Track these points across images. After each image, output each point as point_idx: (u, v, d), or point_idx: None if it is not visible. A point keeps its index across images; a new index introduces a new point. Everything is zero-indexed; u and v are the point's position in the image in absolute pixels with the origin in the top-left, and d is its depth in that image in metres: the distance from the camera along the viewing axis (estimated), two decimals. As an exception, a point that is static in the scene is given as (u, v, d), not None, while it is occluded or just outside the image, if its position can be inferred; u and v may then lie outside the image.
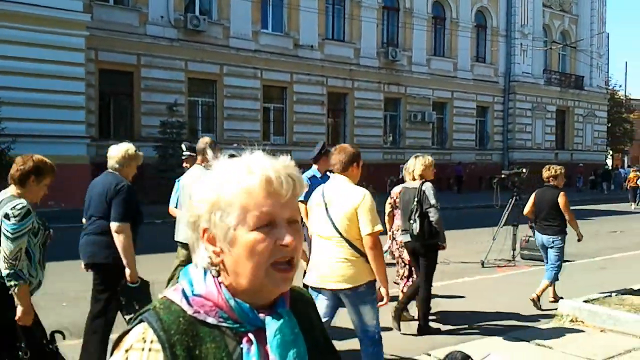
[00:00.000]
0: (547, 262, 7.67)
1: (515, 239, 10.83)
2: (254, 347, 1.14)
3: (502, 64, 34.42)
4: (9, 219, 3.61)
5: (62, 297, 7.61)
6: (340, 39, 27.76)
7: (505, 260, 10.60)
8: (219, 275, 1.17)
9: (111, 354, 1.16)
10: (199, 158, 6.16)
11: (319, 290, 4.27)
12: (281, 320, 1.17)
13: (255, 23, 24.52)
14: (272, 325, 1.16)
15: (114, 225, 4.44)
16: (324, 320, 4.09)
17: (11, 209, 3.64)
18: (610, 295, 7.25)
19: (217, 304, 1.15)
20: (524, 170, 11.56)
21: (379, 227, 4.17)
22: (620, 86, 49.74)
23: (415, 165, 6.45)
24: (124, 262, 4.46)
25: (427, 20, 30.42)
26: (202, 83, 23.62)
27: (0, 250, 3.64)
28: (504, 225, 10.80)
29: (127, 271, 4.48)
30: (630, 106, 50.61)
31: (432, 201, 6.16)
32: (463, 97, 32.43)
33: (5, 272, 3.58)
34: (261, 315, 1.17)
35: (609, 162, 47.57)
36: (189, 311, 1.14)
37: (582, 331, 6.30)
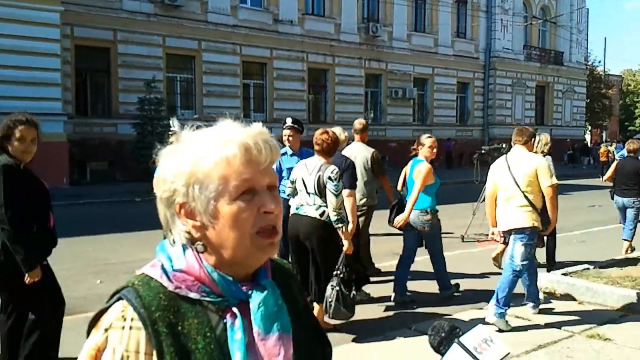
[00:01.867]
0: (624, 222, 8.91)
1: (495, 214, 10.93)
2: (238, 321, 1.12)
3: (482, 39, 34.37)
4: (332, 181, 5.03)
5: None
6: (320, 14, 27.47)
7: (485, 235, 10.64)
8: (205, 250, 1.14)
9: (88, 334, 1.11)
10: (357, 137, 7.03)
11: (509, 232, 5.70)
12: (265, 292, 1.15)
13: (234, -3, 24.17)
14: (255, 298, 1.14)
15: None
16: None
17: (331, 172, 5.06)
18: (588, 268, 7.35)
19: (199, 278, 1.12)
20: (504, 145, 11.57)
21: (556, 181, 5.64)
22: (600, 62, 50.17)
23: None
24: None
25: (408, -5, 30.20)
26: (180, 59, 23.30)
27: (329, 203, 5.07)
28: (483, 200, 10.86)
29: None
30: (609, 82, 51.05)
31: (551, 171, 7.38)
32: (444, 73, 32.40)
33: (334, 218, 5.07)
34: (244, 287, 1.14)
35: (588, 137, 48.01)
36: (170, 287, 1.11)
37: (560, 304, 6.39)
